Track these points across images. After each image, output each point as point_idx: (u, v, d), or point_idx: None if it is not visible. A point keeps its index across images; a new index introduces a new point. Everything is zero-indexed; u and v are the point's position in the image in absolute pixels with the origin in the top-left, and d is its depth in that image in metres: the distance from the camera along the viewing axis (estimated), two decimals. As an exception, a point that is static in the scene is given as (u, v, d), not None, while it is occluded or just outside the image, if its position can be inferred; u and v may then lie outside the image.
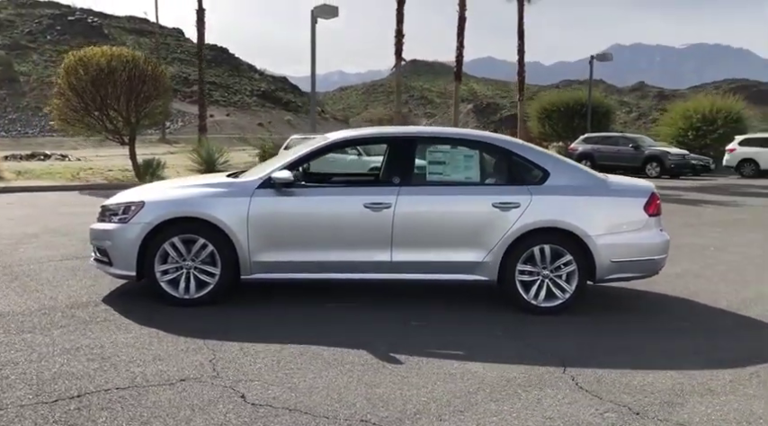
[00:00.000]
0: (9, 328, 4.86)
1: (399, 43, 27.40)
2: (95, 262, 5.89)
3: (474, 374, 4.18)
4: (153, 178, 17.90)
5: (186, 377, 4.01)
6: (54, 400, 3.63)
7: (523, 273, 5.56)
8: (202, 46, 36.70)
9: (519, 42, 32.07)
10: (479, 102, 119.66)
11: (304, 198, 5.59)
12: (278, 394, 3.79)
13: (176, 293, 5.53)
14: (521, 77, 32.88)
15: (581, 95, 31.27)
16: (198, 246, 5.49)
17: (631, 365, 4.40)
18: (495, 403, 3.74)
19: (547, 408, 3.68)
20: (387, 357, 4.45)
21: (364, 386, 3.93)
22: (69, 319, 5.12)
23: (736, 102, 30.07)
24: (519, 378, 4.12)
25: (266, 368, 4.20)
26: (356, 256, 5.55)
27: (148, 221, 5.47)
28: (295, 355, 4.45)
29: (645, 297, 6.29)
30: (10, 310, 5.31)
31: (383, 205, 5.50)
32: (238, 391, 3.83)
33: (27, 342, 4.55)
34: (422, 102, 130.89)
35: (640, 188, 5.86)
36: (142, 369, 4.12)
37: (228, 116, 76.64)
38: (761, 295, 6.46)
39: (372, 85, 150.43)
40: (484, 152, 5.84)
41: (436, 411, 3.62)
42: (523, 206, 5.50)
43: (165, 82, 17.73)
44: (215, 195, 5.57)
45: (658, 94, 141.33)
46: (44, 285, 6.14)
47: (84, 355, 4.33)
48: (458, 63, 29.97)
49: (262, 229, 5.48)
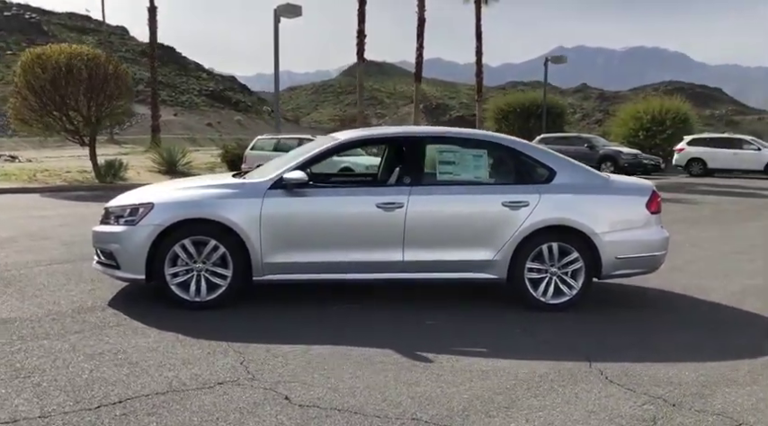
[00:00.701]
0: (23, 335, 4.71)
1: (361, 43, 27.45)
2: (99, 266, 5.76)
3: (505, 371, 4.26)
4: (115, 180, 17.49)
5: (223, 381, 3.97)
6: (96, 406, 3.55)
7: (532, 271, 5.68)
8: (155, 44, 35.99)
9: (477, 44, 32.50)
10: (429, 102, 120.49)
11: (316, 198, 5.59)
12: (321, 395, 3.79)
13: (187, 296, 5.45)
14: (479, 78, 33.34)
15: (536, 96, 31.92)
16: (209, 248, 5.42)
17: (651, 358, 4.55)
18: (536, 398, 3.83)
19: (587, 402, 3.79)
20: (414, 355, 4.49)
21: (404, 385, 3.97)
22: (81, 324, 5.00)
23: (683, 103, 31.14)
24: (550, 374, 4.21)
25: (300, 370, 4.19)
26: (368, 256, 5.58)
27: (158, 223, 5.37)
28: (324, 356, 4.45)
29: (643, 293, 6.48)
30: (16, 316, 5.15)
31: (395, 205, 5.54)
32: (280, 393, 3.81)
33: (47, 349, 4.42)
34: (372, 103, 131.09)
35: (642, 186, 6.05)
36: (175, 374, 4.06)
37: (176, 116, 75.29)
38: (746, 288, 6.74)
39: (322, 86, 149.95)
40: (492, 151, 5.93)
41: (482, 408, 3.68)
42: (532, 204, 5.62)
43: (127, 81, 17.32)
44: (226, 196, 5.51)
45: (600, 96, 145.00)
46: (42, 290, 5.97)
47: (109, 360, 4.24)
48: (418, 64, 30.19)
49: (274, 230, 5.46)
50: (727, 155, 26.65)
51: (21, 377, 3.92)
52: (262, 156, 17.75)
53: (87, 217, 11.04)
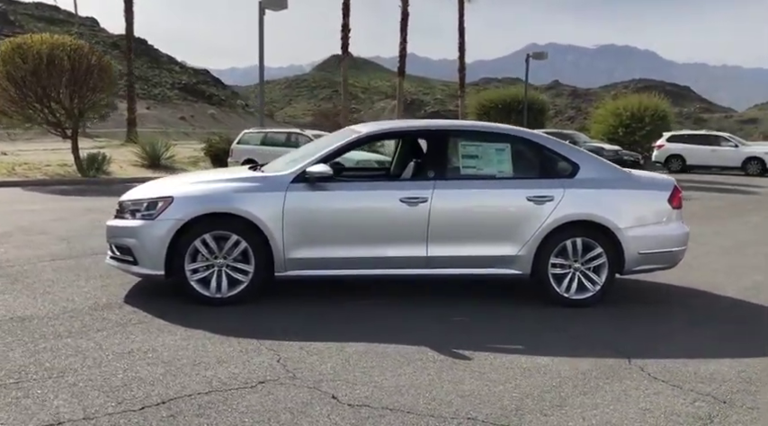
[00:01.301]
0: (45, 333, 4.53)
1: (346, 37, 27.25)
2: (114, 262, 5.58)
3: (546, 368, 4.21)
4: (98, 174, 17.13)
5: (264, 380, 3.86)
6: (140, 408, 3.42)
7: (555, 266, 5.64)
8: (132, 36, 35.41)
9: (460, 40, 32.51)
10: (404, 97, 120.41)
11: (339, 192, 5.48)
12: (368, 394, 3.70)
13: (207, 292, 5.31)
14: (462, 74, 33.38)
15: (517, 92, 32.02)
16: (230, 243, 5.29)
17: (686, 354, 4.54)
18: (586, 396, 3.78)
19: (637, 400, 3.74)
20: (451, 353, 4.42)
21: (449, 384, 3.89)
22: (102, 322, 4.83)
23: (661, 101, 31.51)
24: (593, 371, 4.17)
25: (340, 368, 4.09)
26: (392, 252, 5.49)
27: (179, 217, 5.22)
28: (360, 353, 4.36)
29: (657, 289, 6.49)
30: (33, 314, 4.96)
31: (419, 199, 5.45)
32: (326, 392, 3.71)
33: (73, 348, 4.26)
34: (346, 97, 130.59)
35: (664, 181, 6.05)
36: (213, 373, 3.93)
37: (149, 109, 74.24)
38: (758, 284, 6.79)
39: (295, 80, 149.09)
40: (515, 145, 5.87)
41: (535, 406, 3.62)
42: (557, 199, 5.57)
43: (110, 73, 16.93)
44: (248, 190, 5.38)
45: (572, 93, 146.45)
46: (52, 286, 5.77)
47: (141, 359, 4.10)
48: (401, 58, 30.09)
49: (297, 225, 5.34)
50: (706, 152, 27.06)
51: (54, 377, 3.76)
52: (249, 151, 17.57)
53: (78, 211, 10.80)
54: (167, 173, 18.73)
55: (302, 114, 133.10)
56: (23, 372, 3.83)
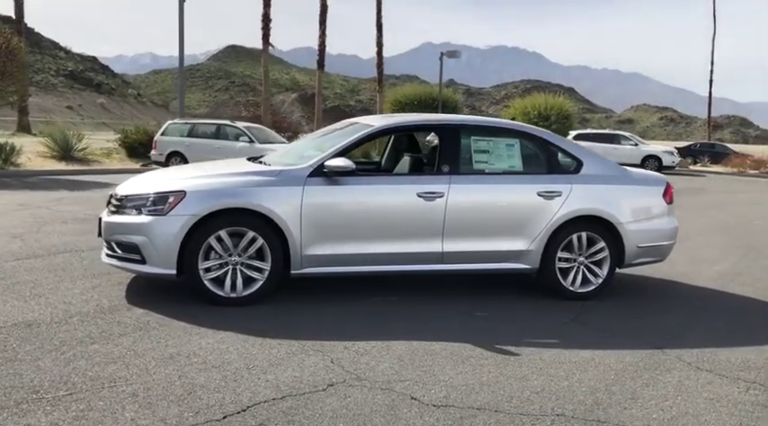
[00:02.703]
0: (65, 339, 4.14)
1: (266, 28, 26.55)
2: (115, 260, 5.18)
3: (594, 361, 4.26)
4: (6, 165, 15.86)
5: (332, 382, 3.70)
6: (223, 416, 3.19)
7: (562, 260, 5.75)
8: (22, 19, 33.02)
9: (378, 36, 32.53)
10: (303, 91, 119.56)
11: (356, 187, 5.33)
12: (445, 394, 3.62)
13: (222, 292, 5.04)
14: (380, 69, 33.39)
15: (433, 90, 32.53)
16: (246, 240, 5.04)
17: (708, 343, 4.73)
18: (650, 388, 3.85)
19: (698, 390, 3.86)
20: (495, 349, 4.39)
21: (515, 381, 3.87)
22: (119, 326, 4.48)
23: (566, 100, 32.93)
24: (639, 363, 4.26)
25: (399, 367, 3.98)
26: (408, 247, 5.42)
27: (193, 213, 4.92)
28: (409, 352, 4.26)
29: (634, 281, 6.74)
30: (36, 319, 4.52)
31: (436, 194, 5.41)
32: (401, 393, 3.61)
33: (105, 355, 3.92)
34: (244, 89, 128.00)
35: (657, 178, 6.31)
36: (273, 377, 3.73)
37: (31, 97, 69.84)
38: (721, 274, 7.23)
39: (189, 70, 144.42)
40: (523, 141, 5.93)
41: (610, 400, 3.64)
42: (565, 194, 5.69)
43: (21, 58, 15.71)
44: (264, 184, 5.14)
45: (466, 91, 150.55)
46: (37, 289, 5.29)
47: (188, 364, 3.83)
48: (320, 51, 29.73)
49: (315, 220, 5.16)
50: (608, 150, 28.48)
51: (106, 387, 3.45)
52: (175, 142, 16.86)
53: (11, 206, 9.99)
54: (81, 166, 17.67)
55: (197, 105, 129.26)
56: (69, 382, 3.49)
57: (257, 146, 16.13)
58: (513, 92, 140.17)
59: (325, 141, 5.92)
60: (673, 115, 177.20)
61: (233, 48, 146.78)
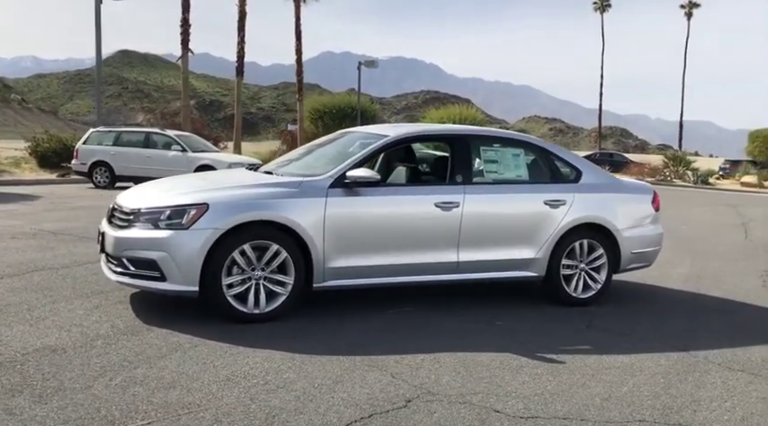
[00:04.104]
0: (103, 364, 3.84)
1: (186, 32, 25.64)
2: (126, 278, 4.84)
3: (633, 366, 4.35)
4: None
5: (409, 398, 3.62)
6: (325, 440, 3.07)
7: (565, 267, 5.91)
8: None
9: (297, 43, 32.16)
10: (202, 98, 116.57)
11: (377, 197, 5.25)
12: (523, 405, 3.61)
13: (245, 308, 4.83)
14: (299, 77, 33.00)
15: (351, 100, 32.60)
16: (270, 254, 4.86)
17: (725, 343, 4.96)
18: (702, 390, 3.98)
19: (746, 391, 4.02)
20: (537, 357, 4.43)
21: (579, 388, 3.91)
22: (153, 348, 4.20)
23: (477, 112, 33.87)
24: (677, 366, 4.40)
25: (462, 380, 3.94)
26: (426, 257, 5.39)
27: (217, 226, 4.69)
28: (459, 364, 4.22)
29: (624, 284, 7.00)
30: (55, 344, 4.17)
31: (453, 204, 5.42)
32: (481, 405, 3.57)
33: (157, 378, 3.67)
34: (138, 96, 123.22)
35: (646, 186, 6.60)
36: (346, 395, 3.61)
37: None
38: (689, 276, 7.64)
39: (77, 75, 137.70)
40: (528, 151, 6.06)
41: (674, 403, 3.74)
42: (569, 203, 5.84)
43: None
44: (287, 195, 4.97)
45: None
46: (36, 311, 4.88)
47: (252, 386, 3.64)
48: (239, 58, 29.04)
49: (337, 232, 5.05)
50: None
51: (183, 415, 3.23)
52: (100, 151, 16.02)
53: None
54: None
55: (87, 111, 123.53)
56: (140, 411, 3.25)
57: (190, 155, 15.59)
58: (413, 102, 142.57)
59: (328, 152, 5.83)
60: (561, 126, 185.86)
61: (125, 53, 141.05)
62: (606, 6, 69.51)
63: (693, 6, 68.57)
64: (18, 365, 3.77)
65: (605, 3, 69.35)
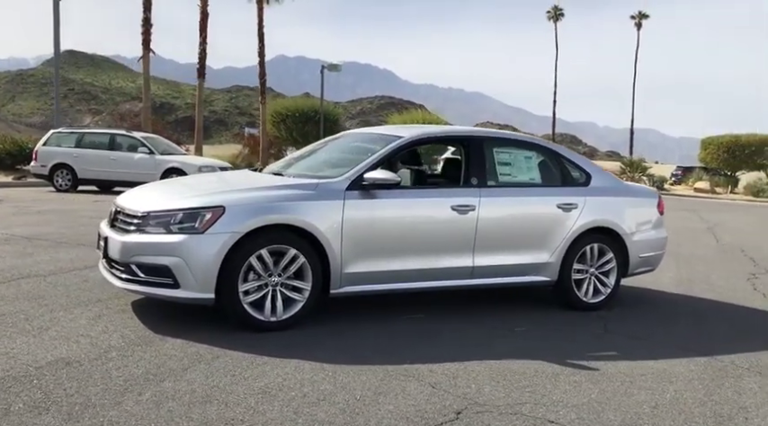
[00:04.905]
0: (125, 377, 3.57)
1: (147, 32, 24.92)
2: (135, 286, 4.55)
3: (671, 372, 4.28)
4: None
5: (458, 410, 3.45)
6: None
7: (576, 272, 5.84)
8: None
9: (259, 45, 31.66)
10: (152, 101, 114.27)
11: (393, 200, 5.08)
12: (576, 416, 3.47)
13: (261, 316, 4.59)
14: (262, 80, 32.48)
15: (314, 103, 32.29)
16: (287, 259, 4.64)
17: (742, 348, 4.93)
18: (745, 396, 3.91)
19: (786, 395, 4.05)
20: (572, 364, 4.29)
21: (624, 397, 3.78)
22: (174, 360, 3.93)
23: (439, 117, 33.97)
24: (709, 372, 4.34)
25: (504, 389, 3.78)
26: (442, 262, 5.24)
27: (235, 230, 4.45)
28: (496, 373, 4.07)
29: (623, 289, 6.99)
30: (67, 356, 3.87)
31: (469, 207, 5.29)
32: (536, 416, 3.42)
33: (190, 393, 3.42)
34: (84, 97, 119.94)
35: (651, 190, 6.59)
36: (393, 407, 3.42)
37: None
38: (679, 280, 7.69)
39: (19, 75, 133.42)
40: (539, 154, 5.98)
41: (723, 410, 3.67)
42: (580, 206, 5.77)
43: None
44: (304, 198, 4.76)
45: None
46: (35, 322, 4.55)
47: (292, 399, 3.43)
48: (201, 59, 28.42)
49: (355, 236, 4.86)
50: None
51: (230, 433, 3.00)
52: (60, 153, 15.43)
53: None
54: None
55: (30, 113, 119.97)
56: (182, 430, 3.00)
57: (158, 157, 15.11)
58: (368, 107, 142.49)
59: (335, 153, 5.66)
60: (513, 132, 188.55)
61: (71, 53, 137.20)
62: (560, 15, 70.80)
63: (643, 17, 70.49)
64: (35, 380, 3.47)
65: (558, 12, 70.65)
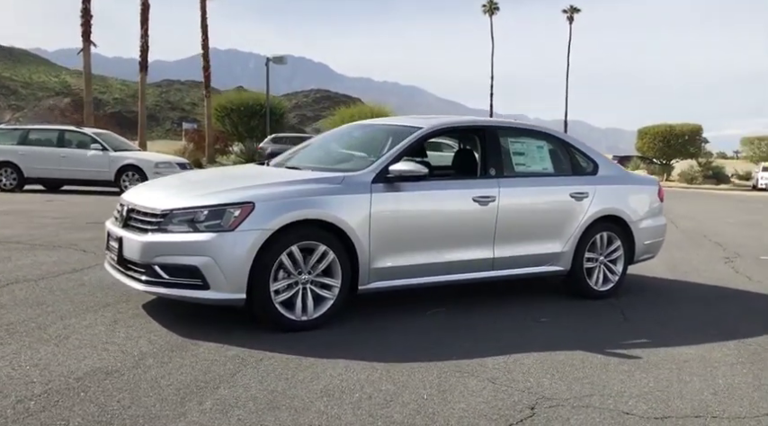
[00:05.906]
0: (178, 386, 3.34)
1: (87, 23, 23.76)
2: (161, 289, 4.29)
3: (707, 358, 4.30)
4: None
5: (531, 405, 3.37)
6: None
7: (587, 261, 5.84)
8: None
9: (203, 38, 30.73)
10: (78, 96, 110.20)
11: (418, 192, 4.95)
12: (649, 406, 3.42)
13: (293, 315, 4.40)
14: (207, 73, 31.50)
15: (259, 97, 31.65)
16: (317, 255, 4.46)
17: (759, 331, 5.03)
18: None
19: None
20: (615, 354, 4.25)
21: (681, 384, 3.75)
22: (217, 365, 3.72)
23: (389, 110, 33.93)
24: (741, 357, 4.35)
25: (561, 382, 3.72)
26: (465, 254, 5.16)
27: (266, 227, 4.24)
28: (546, 364, 4.01)
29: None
30: (103, 366, 3.61)
31: (489, 198, 5.22)
32: (606, 408, 3.36)
33: (251, 399, 3.23)
34: (3, 92, 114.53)
35: (651, 178, 6.67)
36: (465, 405, 3.31)
37: None
38: (671, 266, 7.83)
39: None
40: (550, 144, 5.94)
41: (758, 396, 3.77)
42: (591, 195, 5.77)
43: None
44: (332, 192, 4.57)
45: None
46: (50, 330, 4.24)
47: (364, 400, 3.29)
48: (143, 52, 27.36)
49: (382, 230, 4.71)
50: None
51: (315, 441, 2.83)
52: (4, 151, 14.69)
53: None
54: None
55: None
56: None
57: (112, 154, 14.47)
58: (303, 101, 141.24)
59: (347, 144, 5.51)
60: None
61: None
62: (495, 9, 71.73)
63: (575, 11, 72.24)
64: (81, 392, 3.21)
65: (494, 5, 71.57)
